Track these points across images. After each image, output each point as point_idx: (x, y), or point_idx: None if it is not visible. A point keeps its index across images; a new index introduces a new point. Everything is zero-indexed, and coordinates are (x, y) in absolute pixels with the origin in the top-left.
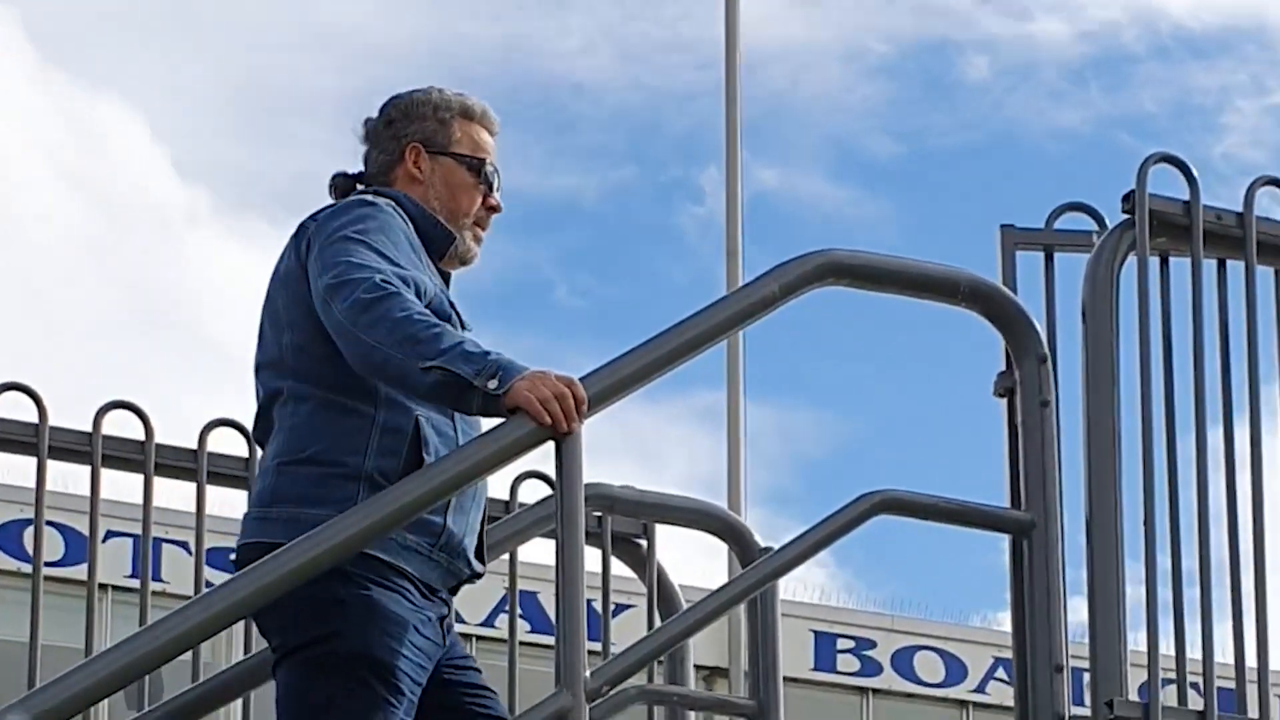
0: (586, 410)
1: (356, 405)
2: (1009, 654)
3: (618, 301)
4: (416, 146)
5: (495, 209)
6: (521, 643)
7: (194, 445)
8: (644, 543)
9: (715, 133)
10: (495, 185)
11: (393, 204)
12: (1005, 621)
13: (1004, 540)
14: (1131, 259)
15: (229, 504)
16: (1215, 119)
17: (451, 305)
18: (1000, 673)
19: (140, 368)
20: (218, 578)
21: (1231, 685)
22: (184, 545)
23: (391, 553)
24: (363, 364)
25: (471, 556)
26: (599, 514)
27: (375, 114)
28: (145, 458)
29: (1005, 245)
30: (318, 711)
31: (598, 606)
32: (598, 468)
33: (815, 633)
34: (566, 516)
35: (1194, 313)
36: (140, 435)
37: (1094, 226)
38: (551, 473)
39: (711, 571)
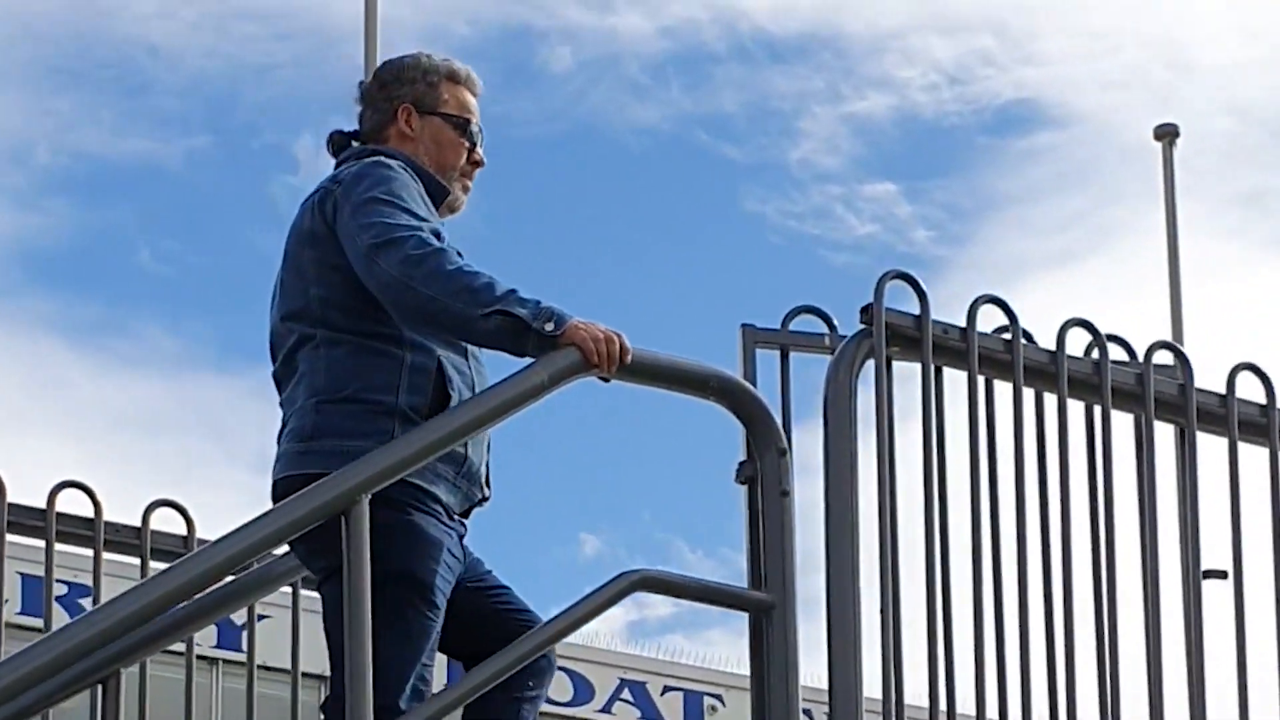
0: (629, 360)
1: (387, 348)
2: (634, 676)
3: (206, 270)
4: (408, 107)
5: (479, 163)
6: (304, 673)
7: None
8: None
9: (305, 104)
10: (478, 142)
11: (401, 163)
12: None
13: None
14: (869, 365)
15: None
16: (793, 123)
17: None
18: (626, 694)
19: None
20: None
21: None
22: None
23: (428, 480)
24: (415, 314)
25: (484, 483)
26: None
27: (369, 78)
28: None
29: (746, 344)
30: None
31: None
32: (165, 439)
33: None
34: (354, 582)
35: (924, 413)
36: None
37: (825, 329)
38: None
39: None
